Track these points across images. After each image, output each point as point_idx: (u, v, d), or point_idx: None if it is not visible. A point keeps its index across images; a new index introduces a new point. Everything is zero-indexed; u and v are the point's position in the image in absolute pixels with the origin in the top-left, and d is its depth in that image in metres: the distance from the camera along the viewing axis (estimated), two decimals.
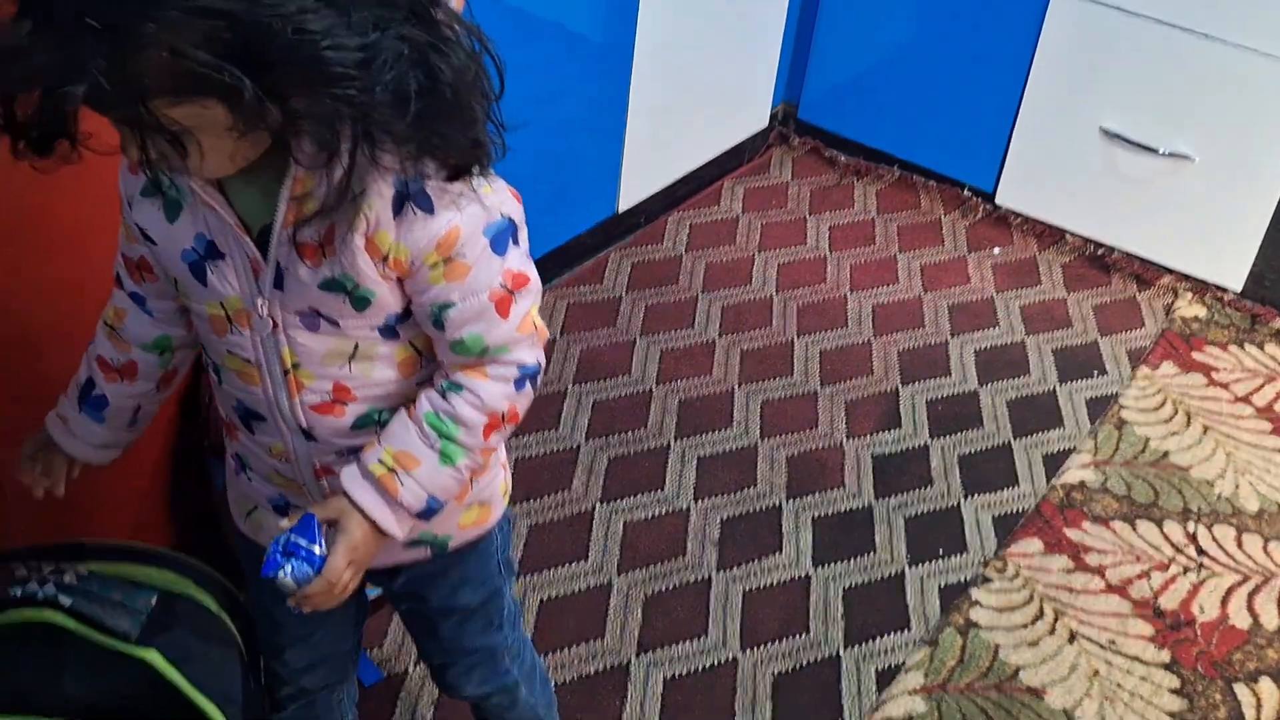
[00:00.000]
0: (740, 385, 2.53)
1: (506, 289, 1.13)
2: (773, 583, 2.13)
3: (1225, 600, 2.16)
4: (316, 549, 1.11)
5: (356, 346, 1.16)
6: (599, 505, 2.23)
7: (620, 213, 2.84)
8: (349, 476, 1.16)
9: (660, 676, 1.95)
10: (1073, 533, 2.25)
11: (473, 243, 1.10)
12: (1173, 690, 2.00)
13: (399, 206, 1.07)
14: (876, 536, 2.23)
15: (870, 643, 2.04)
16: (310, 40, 0.91)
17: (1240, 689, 2.01)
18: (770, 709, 1.93)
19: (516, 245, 1.13)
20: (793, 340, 2.67)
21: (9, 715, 1.27)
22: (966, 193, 3.12)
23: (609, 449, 2.34)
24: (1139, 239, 2.92)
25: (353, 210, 1.04)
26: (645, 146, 2.76)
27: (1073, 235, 3.00)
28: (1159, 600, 2.14)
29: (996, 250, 3.00)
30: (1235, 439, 2.50)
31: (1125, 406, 2.56)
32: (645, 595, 2.07)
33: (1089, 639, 2.06)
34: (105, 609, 1.29)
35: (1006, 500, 2.33)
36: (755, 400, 2.49)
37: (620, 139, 2.71)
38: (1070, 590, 2.15)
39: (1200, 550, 2.24)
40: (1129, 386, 2.62)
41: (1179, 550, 2.24)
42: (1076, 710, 1.95)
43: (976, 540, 2.24)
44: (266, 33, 0.90)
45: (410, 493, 1.16)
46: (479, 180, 1.09)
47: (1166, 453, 2.45)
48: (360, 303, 1.12)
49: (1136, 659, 2.04)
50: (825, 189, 3.17)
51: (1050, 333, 2.77)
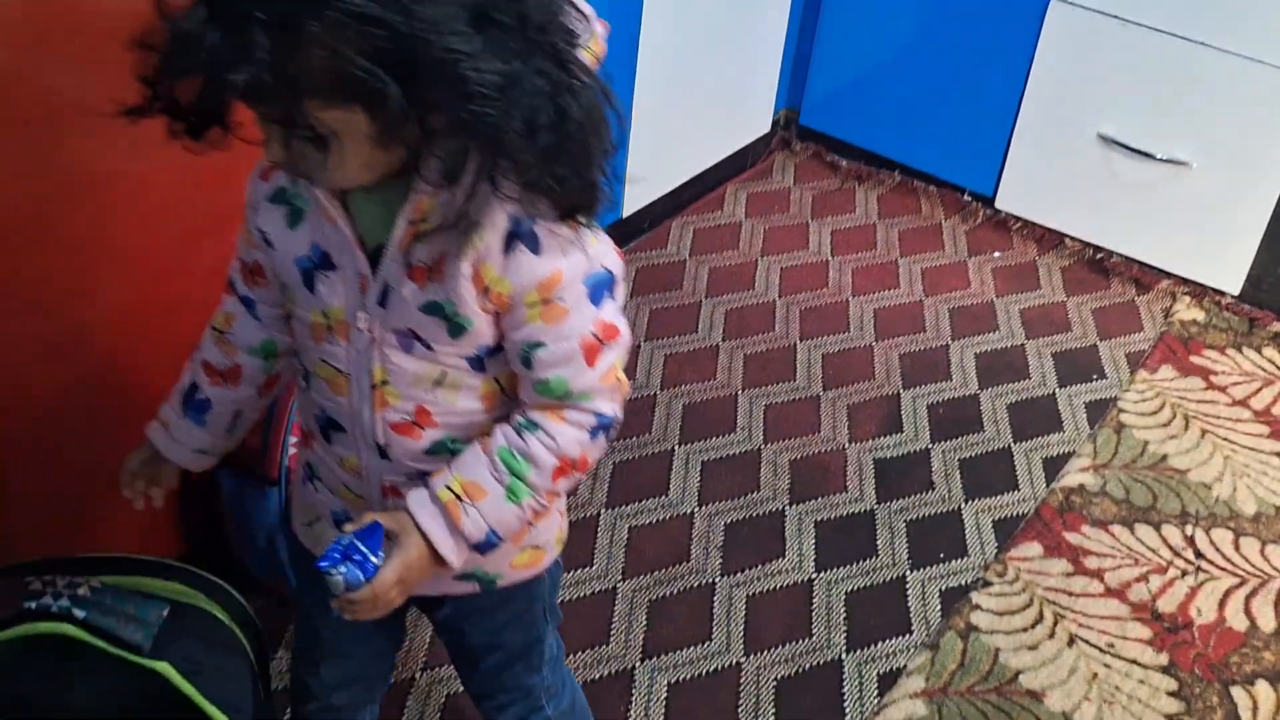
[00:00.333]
0: (743, 390, 2.55)
1: (597, 338, 1.16)
2: (776, 587, 2.15)
3: (1222, 603, 2.17)
4: (374, 558, 1.14)
5: (445, 373, 1.19)
6: (604, 511, 2.24)
7: (624, 218, 2.86)
8: (416, 498, 1.19)
9: (664, 682, 1.97)
10: (1072, 536, 2.27)
11: (572, 288, 1.13)
12: (1170, 693, 2.01)
13: (509, 243, 1.10)
14: (878, 540, 2.25)
15: (872, 646, 2.06)
16: (458, 58, 0.95)
17: (1237, 691, 2.03)
18: (773, 713, 1.94)
19: (612, 298, 1.17)
20: (795, 344, 2.69)
21: None
22: (967, 197, 3.13)
23: (613, 454, 2.36)
24: (1138, 243, 2.94)
25: (466, 237, 1.08)
26: (649, 152, 2.78)
27: (1072, 240, 3.02)
28: (1157, 603, 2.16)
29: (997, 254, 3.02)
30: (1233, 442, 2.51)
31: (1124, 410, 2.57)
32: (649, 601, 2.09)
33: (1088, 642, 2.08)
34: (118, 621, 1.31)
35: (1006, 504, 2.35)
36: (758, 405, 2.51)
37: (624, 145, 2.72)
38: (1069, 594, 2.16)
39: (1198, 553, 2.26)
40: (1128, 390, 2.63)
41: (1177, 553, 2.25)
42: (1075, 713, 1.97)
43: (977, 544, 2.26)
44: (420, 46, 0.95)
45: (472, 522, 1.18)
46: (587, 231, 1.13)
47: (1165, 456, 2.46)
48: (456, 329, 1.15)
49: (1135, 662, 2.06)
50: (827, 194, 3.19)
51: (1050, 337, 2.78)
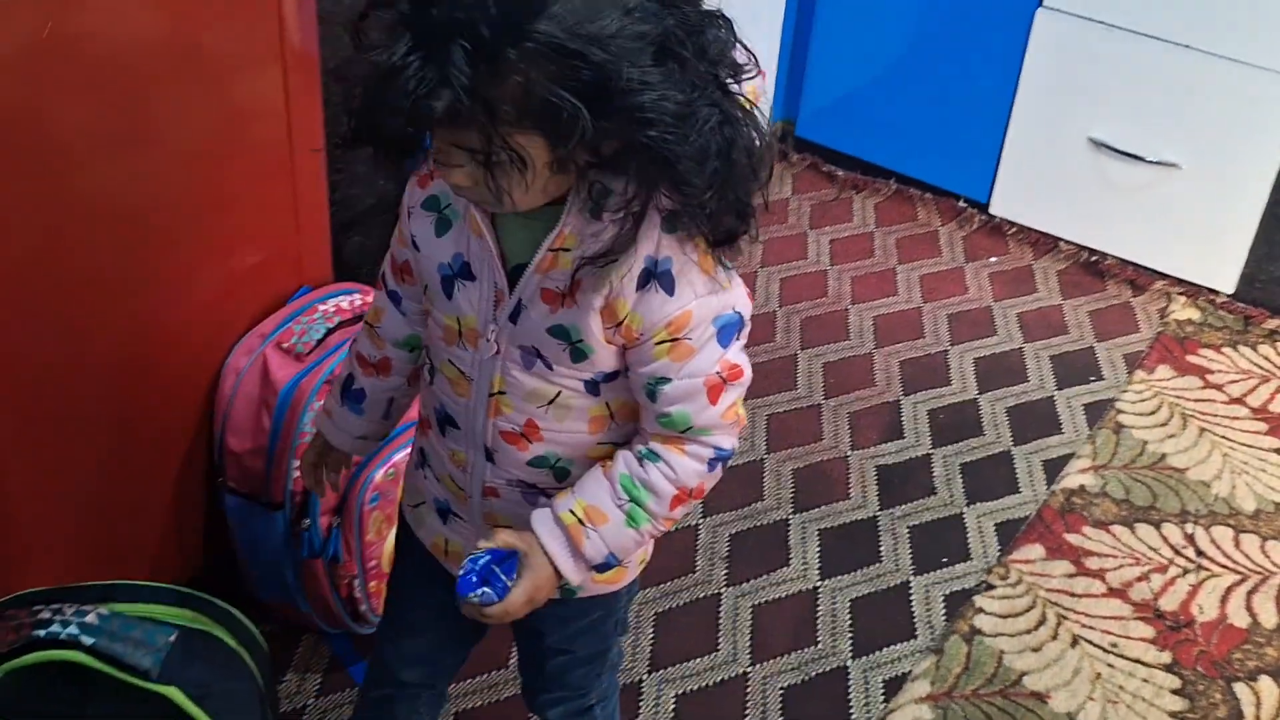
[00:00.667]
0: (745, 400, 2.56)
1: (721, 377, 1.20)
2: (781, 596, 2.16)
3: (1224, 600, 2.18)
4: (510, 581, 1.20)
5: (559, 393, 1.23)
6: None
7: None
8: (540, 520, 1.23)
9: (672, 694, 1.98)
10: (1073, 537, 2.28)
11: (702, 328, 1.17)
12: (1174, 691, 2.03)
13: (643, 281, 1.15)
14: (882, 547, 2.27)
15: (877, 653, 2.08)
16: (643, 88, 1.01)
17: (1240, 688, 2.04)
18: None
19: (739, 340, 1.21)
20: (796, 354, 2.70)
21: None
22: (962, 204, 3.15)
23: None
24: (1132, 245, 2.95)
25: (605, 270, 1.13)
26: None
27: (1067, 243, 3.03)
28: (1159, 602, 2.17)
29: (993, 259, 3.03)
30: (1231, 440, 2.52)
31: (1122, 411, 2.59)
32: (655, 613, 2.11)
33: (1091, 643, 2.10)
34: (126, 647, 1.33)
35: (1008, 507, 2.36)
36: (761, 415, 2.53)
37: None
38: (1072, 595, 2.18)
39: (1199, 551, 2.27)
40: (1126, 391, 2.64)
41: (1178, 552, 2.27)
42: (1080, 714, 1.98)
43: (980, 547, 2.27)
44: (608, 76, 1.00)
45: (593, 546, 1.22)
46: (723, 273, 1.17)
47: (1164, 455, 2.48)
48: (578, 355, 1.19)
49: (1138, 661, 2.07)
50: (825, 204, 3.21)
51: (1047, 340, 2.79)
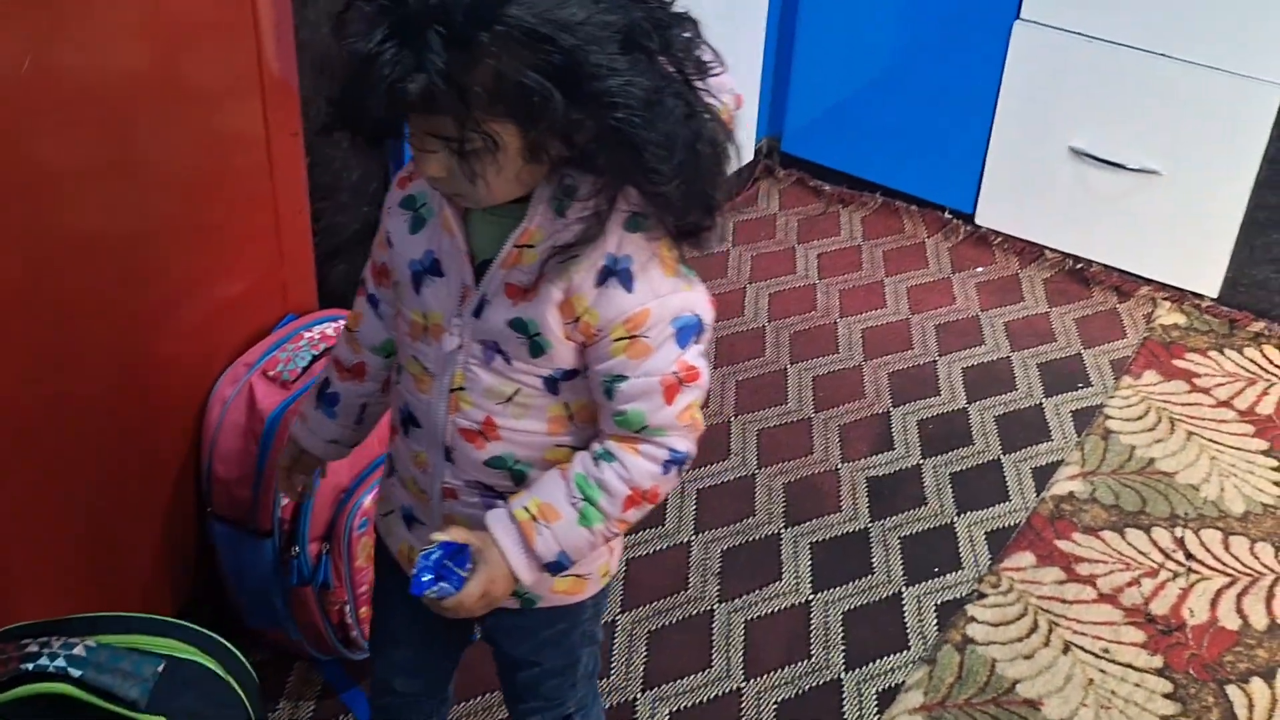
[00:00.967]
0: (736, 416, 2.58)
1: (678, 378, 1.22)
2: (773, 610, 2.17)
3: (1214, 603, 2.19)
4: (464, 573, 1.22)
5: (518, 390, 1.25)
6: None
7: None
8: (494, 516, 1.25)
9: (666, 711, 1.99)
10: (1064, 544, 2.29)
11: (660, 328, 1.20)
12: (1166, 695, 2.03)
13: (603, 278, 1.18)
14: (873, 558, 2.27)
15: (870, 664, 2.08)
16: (610, 74, 1.05)
17: (1232, 690, 2.05)
18: None
19: (697, 343, 1.23)
20: (786, 368, 2.71)
21: None
22: (947, 215, 3.16)
23: None
24: (1116, 252, 2.96)
25: (565, 265, 1.16)
26: None
27: (1052, 251, 3.05)
28: (1150, 606, 2.18)
29: (979, 270, 3.05)
30: (1219, 443, 2.53)
31: (1110, 416, 2.60)
32: (649, 631, 2.11)
33: (1083, 649, 2.10)
34: (114, 678, 1.33)
35: (998, 515, 2.37)
36: (751, 430, 2.54)
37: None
38: (1063, 601, 2.19)
39: (1188, 555, 2.28)
40: (1113, 396, 2.65)
41: (1168, 556, 2.28)
42: None
43: (971, 556, 2.28)
44: (580, 61, 1.04)
45: (545, 543, 1.24)
46: (684, 276, 1.21)
47: (1152, 460, 2.49)
48: (536, 349, 1.22)
49: (1130, 666, 2.08)
50: (812, 218, 3.22)
51: (1035, 348, 2.80)
